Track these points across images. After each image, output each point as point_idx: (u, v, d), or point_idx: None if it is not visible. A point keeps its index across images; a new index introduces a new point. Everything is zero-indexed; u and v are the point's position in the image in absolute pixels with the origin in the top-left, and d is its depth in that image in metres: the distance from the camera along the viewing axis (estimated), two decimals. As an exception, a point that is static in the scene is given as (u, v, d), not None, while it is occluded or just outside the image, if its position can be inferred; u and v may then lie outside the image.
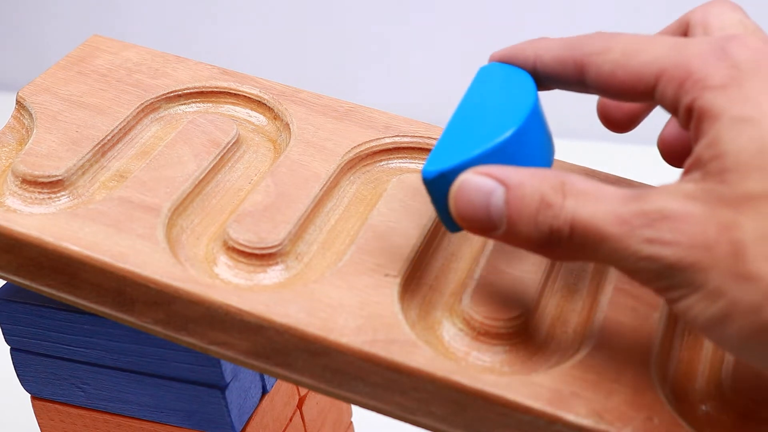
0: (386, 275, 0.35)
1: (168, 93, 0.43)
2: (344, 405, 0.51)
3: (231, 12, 0.92)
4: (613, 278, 0.35)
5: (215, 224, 0.38)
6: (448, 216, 0.32)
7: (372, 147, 0.41)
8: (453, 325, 0.34)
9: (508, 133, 0.31)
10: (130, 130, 0.41)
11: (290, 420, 0.46)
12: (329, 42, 0.92)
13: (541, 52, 0.33)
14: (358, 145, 0.40)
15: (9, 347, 0.42)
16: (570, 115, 0.81)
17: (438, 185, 0.32)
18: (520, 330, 0.34)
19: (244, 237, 0.36)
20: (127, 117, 0.41)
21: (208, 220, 0.38)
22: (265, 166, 0.40)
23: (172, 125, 0.42)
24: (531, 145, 0.32)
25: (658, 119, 0.36)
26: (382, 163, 0.41)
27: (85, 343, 0.40)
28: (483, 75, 0.36)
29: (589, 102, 0.37)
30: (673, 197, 0.27)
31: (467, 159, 0.31)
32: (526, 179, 0.30)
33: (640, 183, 0.40)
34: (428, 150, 0.41)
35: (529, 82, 0.34)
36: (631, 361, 0.32)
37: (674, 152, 0.35)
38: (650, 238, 0.27)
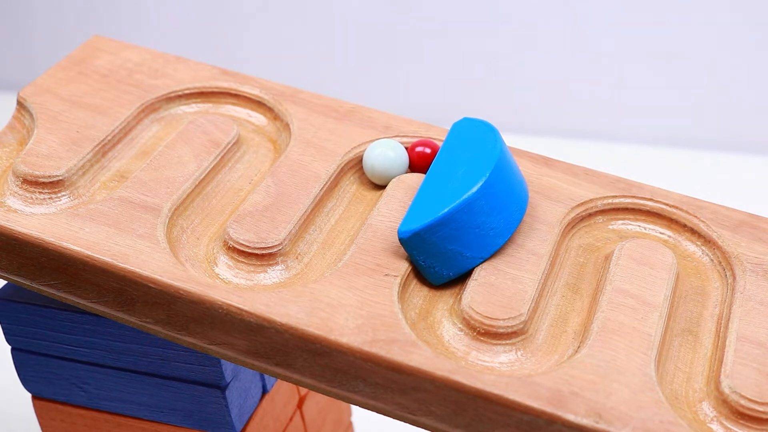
0: (386, 275, 0.35)
1: (168, 93, 0.43)
2: (344, 405, 0.51)
3: (231, 12, 0.92)
4: (613, 278, 0.35)
5: (215, 224, 0.38)
6: (425, 269, 0.35)
7: (372, 147, 0.41)
8: (453, 325, 0.34)
9: (474, 189, 0.34)
10: (130, 130, 0.41)
11: (290, 420, 0.46)
12: (329, 42, 0.92)
13: None
14: (358, 145, 0.40)
15: (10, 347, 0.42)
16: (570, 115, 0.81)
17: (414, 243, 0.35)
18: (520, 330, 0.34)
19: (244, 237, 0.36)
20: (128, 117, 0.41)
21: (209, 220, 0.38)
22: (265, 166, 0.40)
23: (173, 125, 0.42)
24: (499, 194, 0.35)
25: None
26: (382, 163, 0.41)
27: (85, 343, 0.40)
28: (455, 131, 0.38)
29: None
30: None
31: (438, 218, 0.34)
32: None
33: (640, 183, 0.40)
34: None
35: (495, 136, 0.36)
36: (631, 361, 0.32)
37: None
38: None
